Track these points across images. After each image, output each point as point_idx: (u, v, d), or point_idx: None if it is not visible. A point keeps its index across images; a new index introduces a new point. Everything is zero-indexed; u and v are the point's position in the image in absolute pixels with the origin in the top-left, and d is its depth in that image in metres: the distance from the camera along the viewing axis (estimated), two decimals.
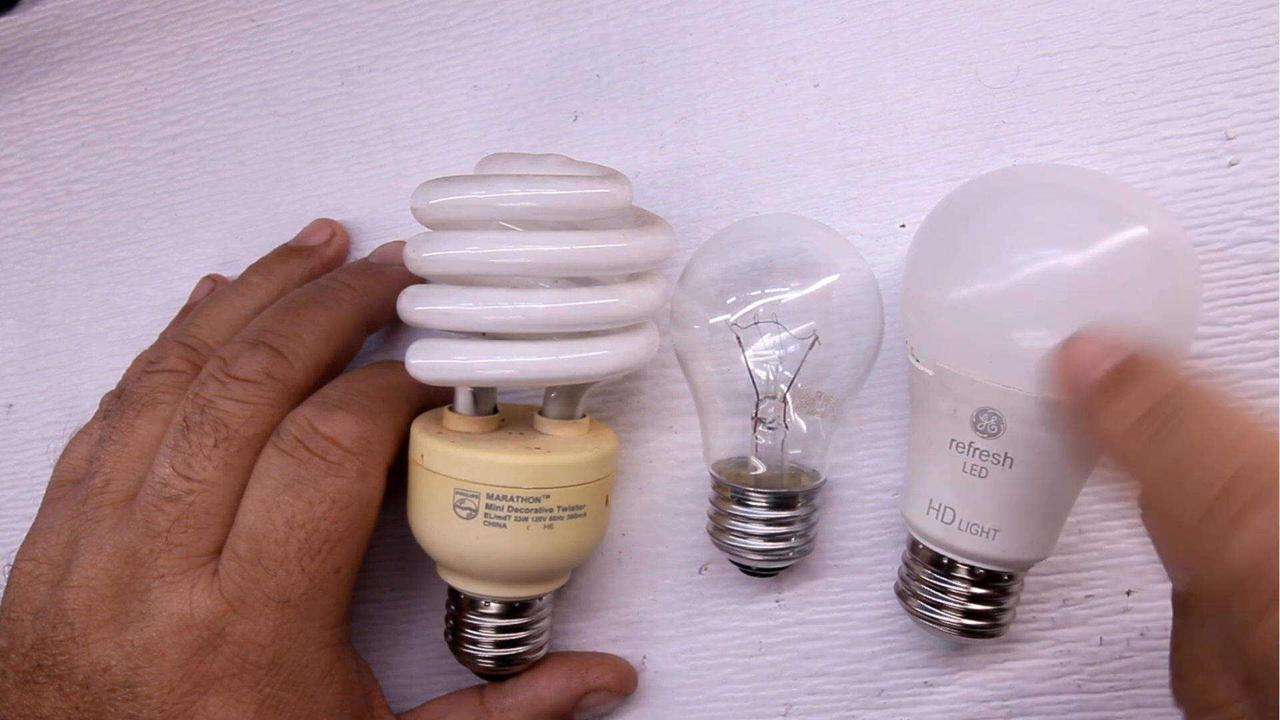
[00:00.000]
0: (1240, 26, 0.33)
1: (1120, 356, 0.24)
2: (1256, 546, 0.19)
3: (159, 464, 0.32)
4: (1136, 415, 0.23)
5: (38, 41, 0.45)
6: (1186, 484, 0.21)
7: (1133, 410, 0.23)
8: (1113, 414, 0.23)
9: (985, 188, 0.31)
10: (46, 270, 0.45)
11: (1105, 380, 0.24)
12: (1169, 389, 0.23)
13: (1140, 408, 0.23)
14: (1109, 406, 0.24)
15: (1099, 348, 0.25)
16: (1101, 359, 0.24)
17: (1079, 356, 0.25)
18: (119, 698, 0.30)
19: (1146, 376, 0.23)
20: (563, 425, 0.33)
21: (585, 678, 0.35)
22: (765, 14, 0.37)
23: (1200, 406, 0.22)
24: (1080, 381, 0.25)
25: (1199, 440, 0.21)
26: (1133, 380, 0.24)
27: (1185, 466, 0.21)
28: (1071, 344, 0.25)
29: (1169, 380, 0.23)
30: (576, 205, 0.30)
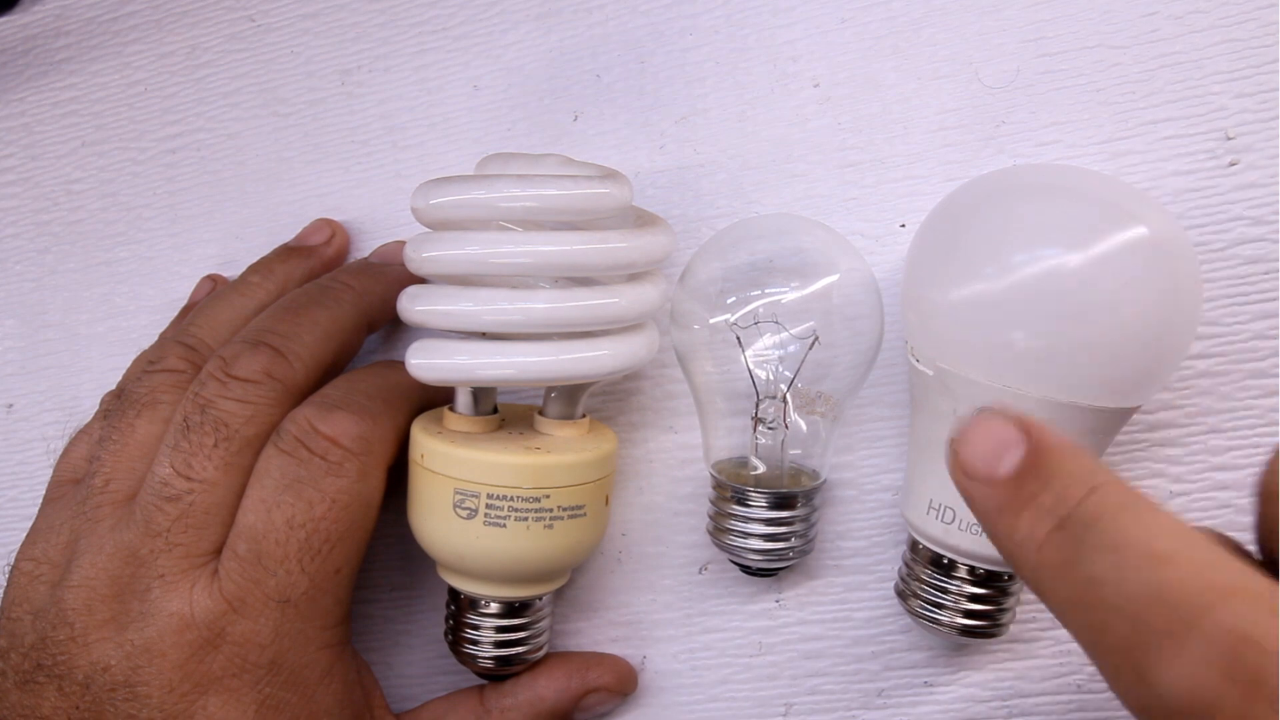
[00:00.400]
0: (1240, 26, 0.33)
1: (1024, 446, 0.21)
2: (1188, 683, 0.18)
3: (159, 464, 0.32)
4: (1048, 527, 0.20)
5: (38, 41, 0.45)
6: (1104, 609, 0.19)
7: (1044, 523, 0.20)
8: (1023, 525, 0.21)
9: (985, 188, 0.31)
10: (46, 270, 0.45)
11: (1010, 481, 0.21)
12: (1080, 493, 0.20)
13: (1052, 519, 0.20)
14: (1017, 519, 0.21)
15: (1004, 434, 0.22)
16: (1008, 447, 0.21)
17: (981, 445, 0.22)
18: (119, 697, 0.30)
19: (1056, 477, 0.21)
20: (563, 425, 0.33)
21: (585, 678, 0.35)
22: (765, 14, 0.37)
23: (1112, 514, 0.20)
24: (986, 477, 0.22)
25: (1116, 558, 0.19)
26: (1041, 483, 0.21)
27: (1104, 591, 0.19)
28: (970, 429, 0.22)
29: (1080, 482, 0.21)
30: (576, 205, 0.30)
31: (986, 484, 0.22)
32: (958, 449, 0.22)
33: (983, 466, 0.22)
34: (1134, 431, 0.33)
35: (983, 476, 0.22)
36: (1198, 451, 0.33)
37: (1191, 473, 0.33)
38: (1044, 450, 0.21)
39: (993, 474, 0.22)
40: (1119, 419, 0.30)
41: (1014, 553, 0.21)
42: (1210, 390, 0.33)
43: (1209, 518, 0.33)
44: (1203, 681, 0.17)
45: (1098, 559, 0.19)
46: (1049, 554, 0.20)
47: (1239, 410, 0.33)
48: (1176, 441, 0.33)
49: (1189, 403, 0.33)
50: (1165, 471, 0.33)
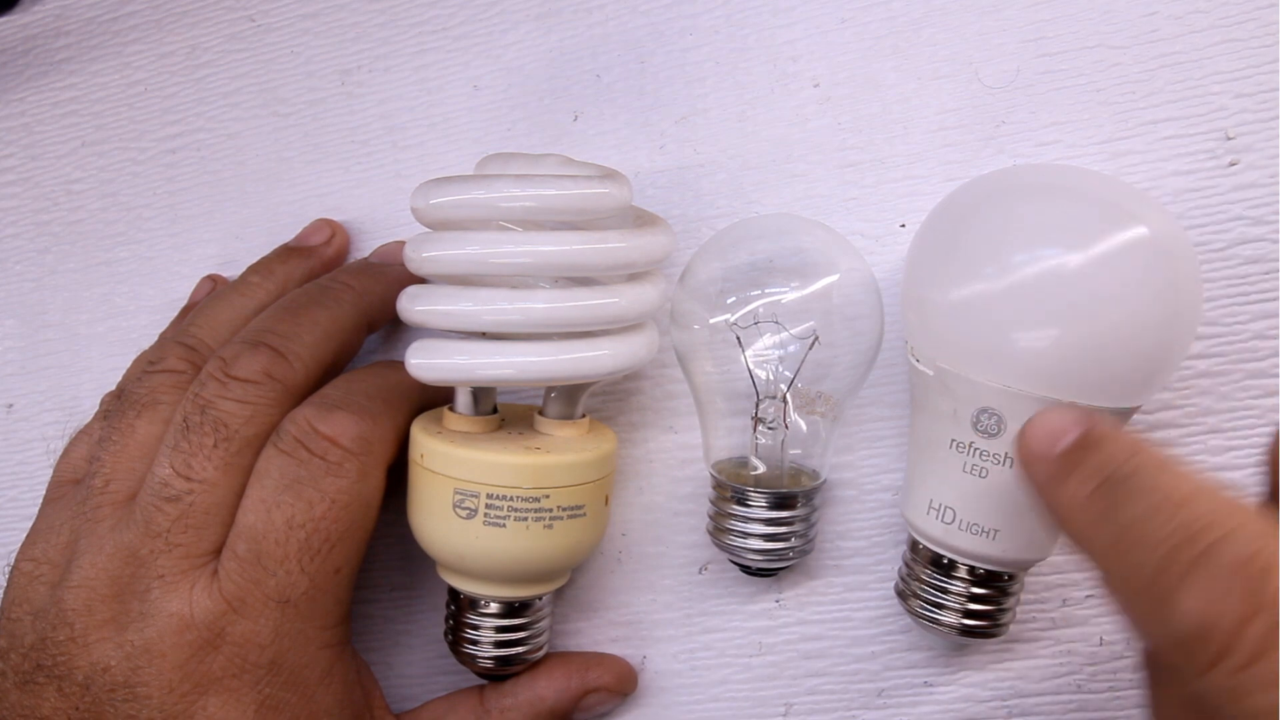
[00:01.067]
0: (1240, 26, 0.33)
1: (1080, 429, 0.25)
2: (1201, 603, 0.20)
3: (159, 464, 0.32)
4: (1092, 487, 0.24)
5: (38, 41, 0.45)
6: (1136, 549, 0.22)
7: (1089, 481, 0.24)
8: (1070, 487, 0.24)
9: (985, 188, 0.31)
10: (46, 270, 0.45)
11: (1066, 453, 0.25)
12: (1122, 458, 0.23)
13: (1096, 478, 0.24)
14: (1067, 480, 0.24)
15: (1063, 421, 0.25)
16: (1066, 431, 0.25)
17: (1044, 428, 0.25)
18: (119, 698, 0.30)
19: (1102, 448, 0.24)
20: (563, 425, 0.33)
21: (585, 678, 0.35)
22: (765, 14, 0.37)
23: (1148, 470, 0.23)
24: (1044, 455, 0.25)
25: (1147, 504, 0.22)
26: (1090, 452, 0.24)
27: (1135, 532, 0.22)
28: (1035, 418, 0.26)
29: (1122, 449, 0.24)
30: (576, 205, 0.30)
31: (1043, 460, 0.25)
32: (1023, 435, 0.26)
33: (1042, 447, 0.25)
34: (1134, 431, 0.33)
35: (1041, 455, 0.25)
36: (1198, 451, 0.33)
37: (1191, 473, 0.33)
38: (1095, 428, 0.25)
39: (1049, 452, 0.25)
40: (1119, 419, 0.30)
41: (1062, 511, 0.24)
42: (1210, 390, 0.33)
43: None
44: (1213, 599, 0.20)
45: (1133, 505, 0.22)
46: (1092, 507, 0.23)
47: (1239, 410, 0.33)
48: (1176, 441, 0.33)
49: (1189, 403, 0.33)
50: None
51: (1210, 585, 0.20)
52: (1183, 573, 0.21)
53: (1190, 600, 0.20)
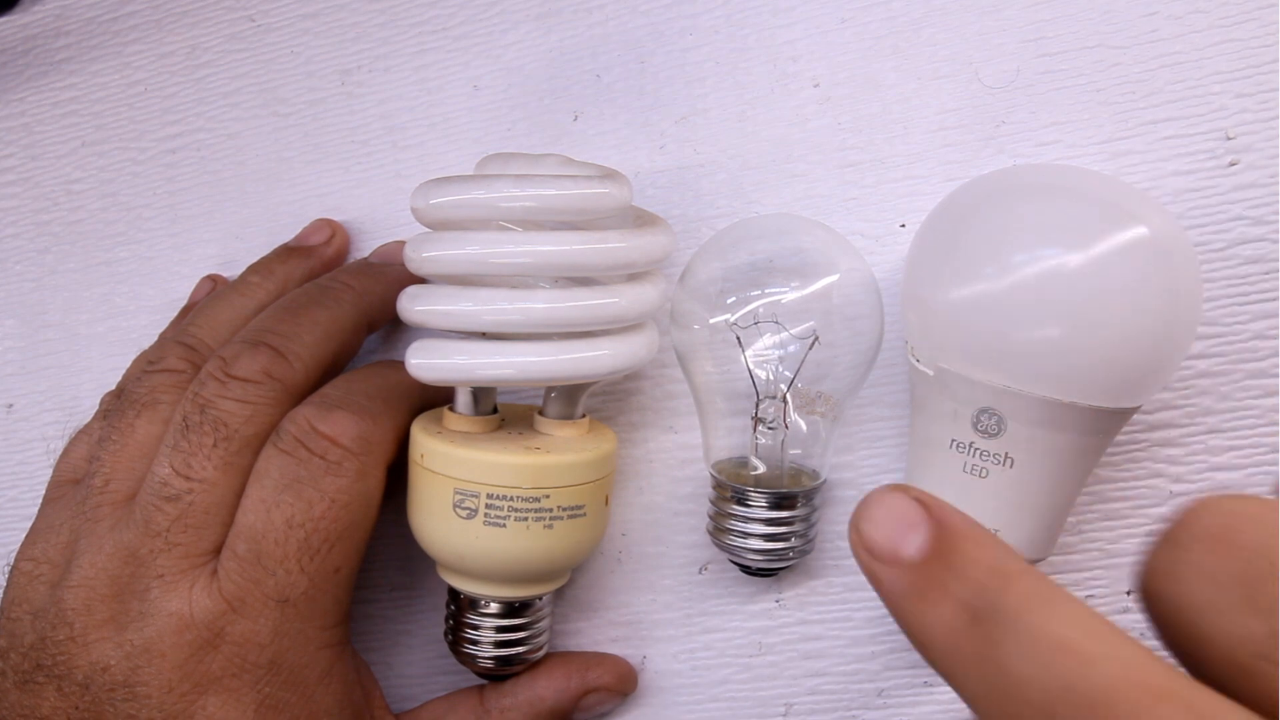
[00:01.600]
0: (1240, 26, 0.33)
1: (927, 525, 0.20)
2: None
3: (158, 464, 0.32)
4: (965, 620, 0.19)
5: (38, 41, 0.45)
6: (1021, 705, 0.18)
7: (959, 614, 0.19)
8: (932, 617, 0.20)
9: (985, 188, 0.31)
10: (46, 270, 0.45)
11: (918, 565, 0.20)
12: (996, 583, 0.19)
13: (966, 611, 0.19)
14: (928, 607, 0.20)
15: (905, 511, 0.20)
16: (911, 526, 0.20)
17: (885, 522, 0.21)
18: (118, 697, 0.30)
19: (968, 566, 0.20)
20: (562, 425, 0.33)
21: (585, 678, 0.35)
22: (765, 14, 0.37)
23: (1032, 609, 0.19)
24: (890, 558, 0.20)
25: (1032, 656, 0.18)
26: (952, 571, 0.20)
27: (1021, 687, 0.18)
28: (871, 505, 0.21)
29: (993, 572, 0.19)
30: (576, 205, 0.30)
31: (893, 565, 0.20)
32: (860, 525, 0.21)
33: (887, 545, 0.21)
34: (1134, 431, 0.33)
35: (888, 557, 0.21)
36: (1198, 451, 0.33)
37: (1191, 473, 0.33)
38: (950, 532, 0.20)
39: (897, 555, 0.20)
40: (1119, 419, 0.30)
41: (924, 641, 0.20)
42: (1210, 390, 0.33)
43: None
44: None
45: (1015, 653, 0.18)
46: (964, 646, 0.19)
47: (1239, 410, 0.33)
48: (1176, 441, 0.33)
49: (1189, 403, 0.33)
50: (1165, 471, 0.33)
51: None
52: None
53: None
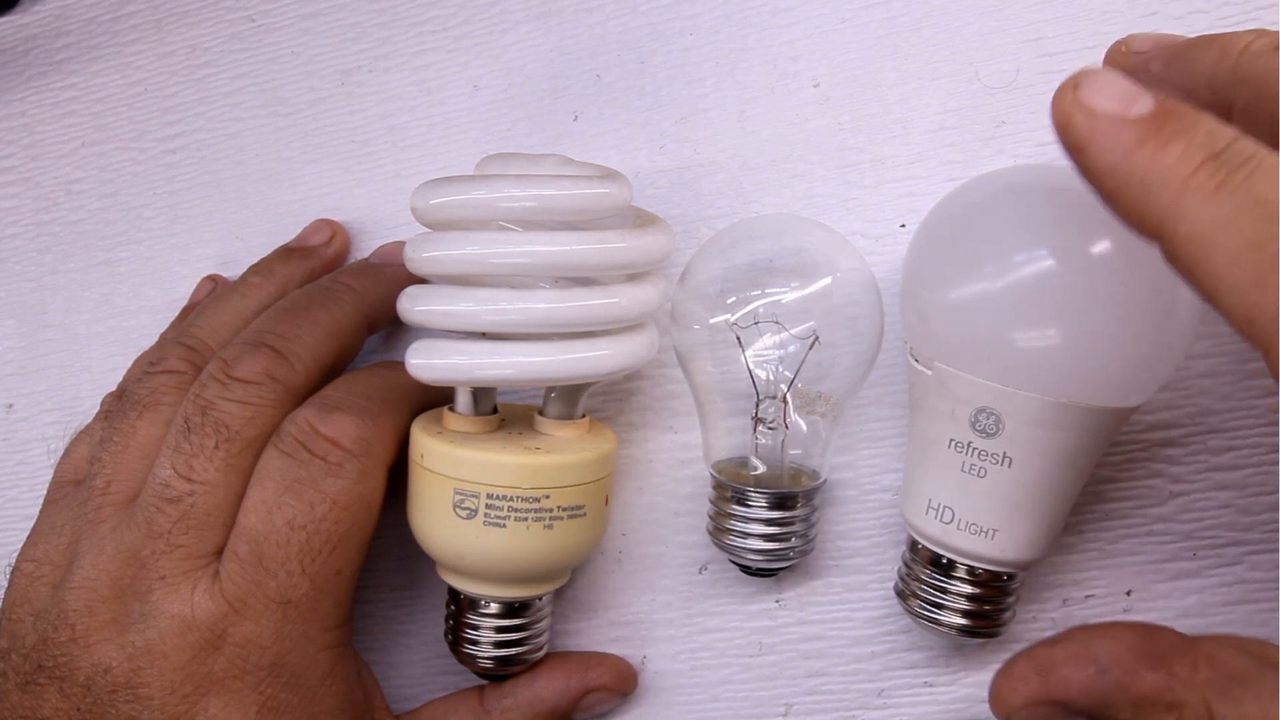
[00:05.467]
0: (1240, 26, 0.33)
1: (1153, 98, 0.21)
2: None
3: (160, 465, 0.32)
4: (1201, 157, 0.21)
5: (38, 41, 0.45)
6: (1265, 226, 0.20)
7: (1196, 152, 0.21)
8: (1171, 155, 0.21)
9: (985, 188, 0.31)
10: (46, 270, 0.45)
11: (1152, 117, 0.21)
12: (1232, 134, 0.21)
13: (1207, 150, 0.21)
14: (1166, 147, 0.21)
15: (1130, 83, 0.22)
16: (1138, 95, 0.22)
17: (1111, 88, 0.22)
18: (120, 699, 0.30)
19: (1203, 121, 0.21)
20: (562, 425, 0.33)
21: (585, 678, 0.35)
22: (765, 14, 0.37)
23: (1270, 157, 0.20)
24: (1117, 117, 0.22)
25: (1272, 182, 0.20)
26: (1190, 122, 0.21)
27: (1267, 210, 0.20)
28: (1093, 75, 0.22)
29: (1227, 129, 0.21)
30: (576, 205, 0.30)
31: (1118, 123, 0.22)
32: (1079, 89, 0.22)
33: (1113, 105, 0.22)
34: (1134, 431, 0.33)
35: (1114, 115, 0.22)
36: (1198, 451, 0.33)
37: (1191, 473, 0.33)
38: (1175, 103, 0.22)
39: (1125, 113, 0.22)
40: (1118, 419, 0.30)
41: (1155, 180, 0.21)
42: (1210, 390, 0.33)
43: (1209, 518, 0.33)
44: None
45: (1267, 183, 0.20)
46: (1202, 178, 0.21)
47: (1239, 410, 0.33)
48: (1176, 441, 0.33)
49: (1189, 403, 0.33)
50: (1165, 471, 0.33)
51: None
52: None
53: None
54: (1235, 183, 0.20)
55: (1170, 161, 0.21)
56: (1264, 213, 0.20)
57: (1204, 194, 0.21)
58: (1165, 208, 0.21)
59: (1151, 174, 0.21)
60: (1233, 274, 0.20)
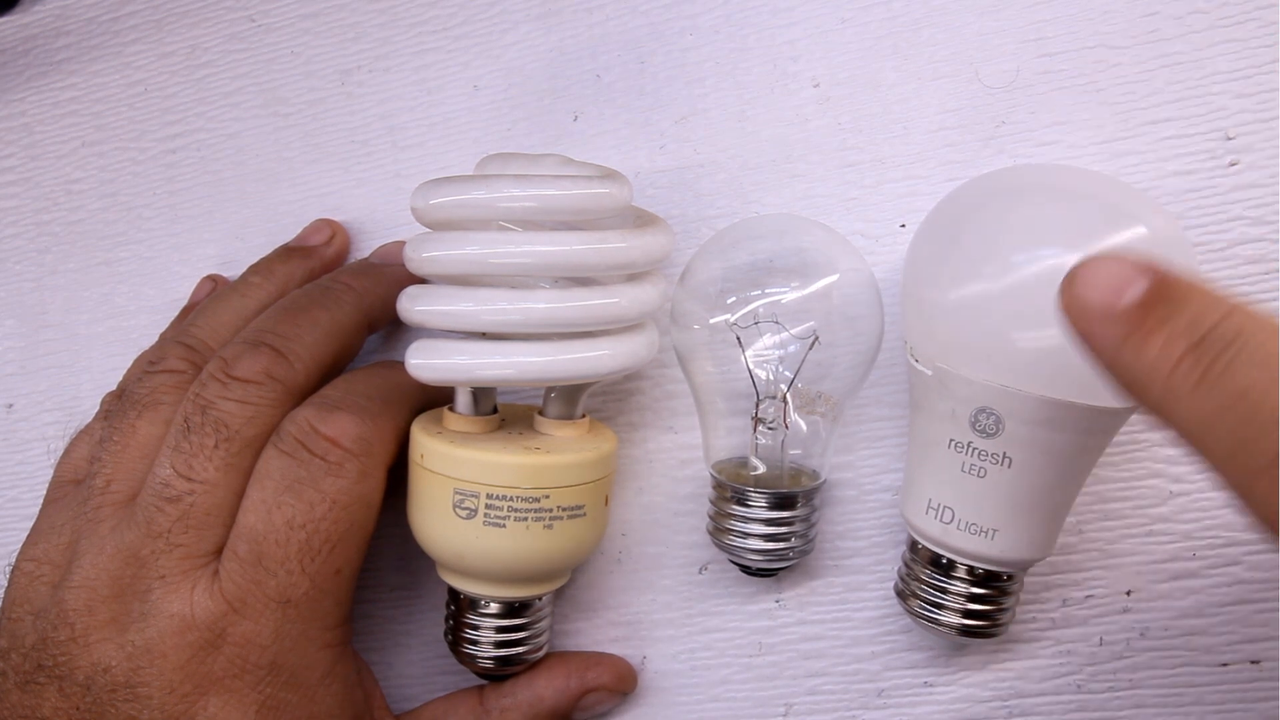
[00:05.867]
0: (1240, 26, 0.33)
1: (1148, 279, 0.21)
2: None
3: (160, 465, 0.32)
4: (1183, 347, 0.20)
5: (38, 41, 0.45)
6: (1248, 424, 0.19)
7: (1177, 344, 0.20)
8: (1154, 347, 0.20)
9: (985, 188, 0.31)
10: (46, 270, 0.45)
11: (1138, 307, 0.21)
12: (1216, 317, 0.20)
13: (1187, 339, 0.20)
14: (1147, 341, 0.20)
15: (1123, 270, 0.21)
16: (1131, 280, 0.21)
17: (1102, 278, 0.21)
18: (120, 698, 0.30)
19: (1189, 302, 0.20)
20: (562, 425, 0.33)
21: (584, 678, 0.35)
22: (765, 14, 0.37)
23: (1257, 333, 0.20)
24: (1107, 310, 0.21)
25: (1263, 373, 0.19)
26: (1173, 308, 0.20)
27: (1248, 404, 0.19)
28: (1090, 266, 0.22)
29: (1214, 306, 0.20)
30: (576, 205, 0.30)
31: (1106, 318, 0.21)
32: (1074, 285, 0.22)
33: (1102, 301, 0.21)
34: (1134, 431, 0.33)
35: (1102, 311, 0.21)
36: None
37: (1191, 473, 0.33)
38: (1170, 281, 0.21)
39: (1113, 307, 0.21)
40: (1117, 419, 0.30)
41: (1141, 378, 0.21)
42: None
43: (1209, 518, 0.33)
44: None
45: (1247, 372, 0.19)
46: (1185, 373, 0.20)
47: None
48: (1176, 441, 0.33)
49: None
50: (1165, 471, 0.33)
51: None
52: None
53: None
54: (1215, 375, 0.20)
55: (1152, 357, 0.21)
56: (1247, 407, 0.19)
57: (1186, 390, 0.20)
58: (1156, 403, 0.21)
59: (1137, 370, 0.21)
60: (1227, 471, 0.20)
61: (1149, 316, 0.21)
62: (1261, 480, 0.19)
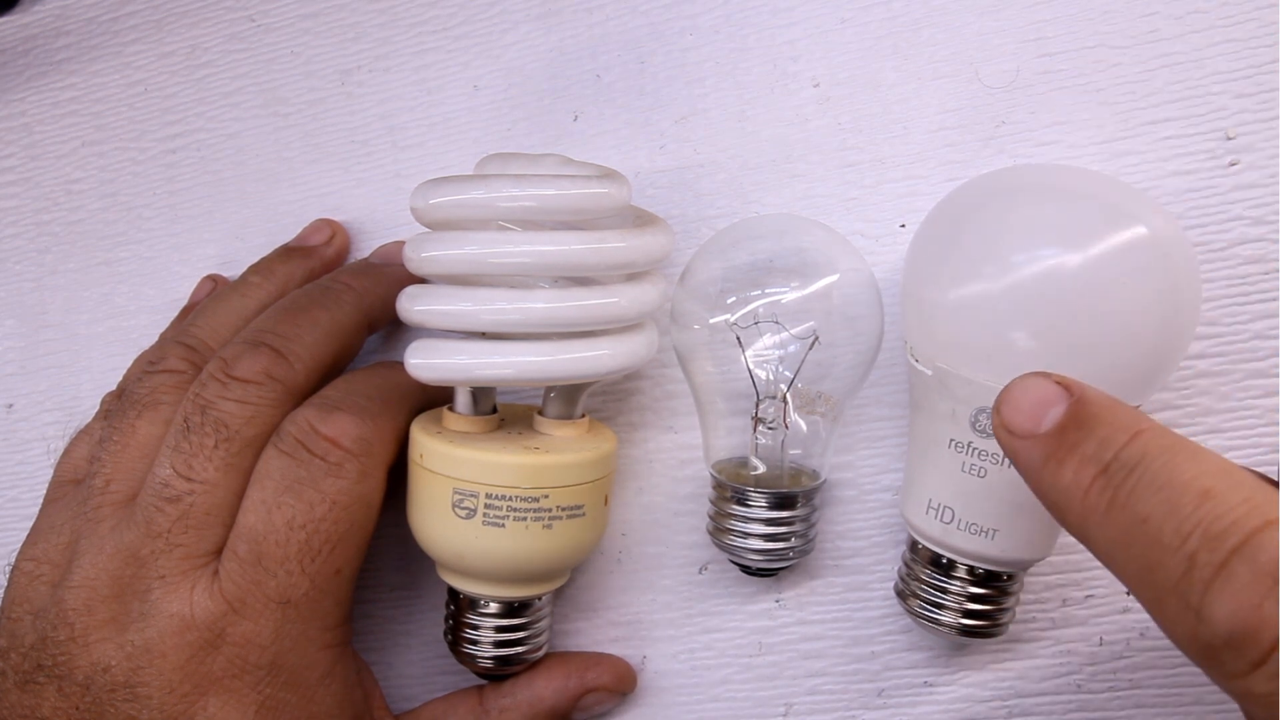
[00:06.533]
0: (1240, 26, 0.33)
1: (1066, 401, 0.22)
2: (1232, 613, 0.19)
3: (160, 465, 0.32)
4: (1093, 473, 0.21)
5: (38, 41, 0.45)
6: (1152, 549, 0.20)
7: (1088, 469, 0.21)
8: (1066, 473, 0.22)
9: (985, 188, 0.31)
10: (46, 270, 0.45)
11: (1055, 432, 0.22)
12: (1124, 439, 0.21)
13: (1096, 464, 0.21)
14: (1062, 466, 0.22)
15: (1045, 393, 0.23)
16: (1051, 404, 0.22)
17: (1025, 403, 0.23)
18: (119, 698, 0.30)
19: (1099, 426, 0.22)
20: (562, 425, 0.33)
21: (584, 678, 0.35)
22: (765, 14, 0.37)
23: (1157, 455, 0.21)
24: (1028, 434, 0.23)
25: (1161, 499, 0.20)
26: (1084, 433, 0.22)
27: (1149, 530, 0.20)
28: (1013, 390, 0.23)
29: (1122, 428, 0.21)
30: (575, 205, 0.30)
31: (1029, 440, 0.22)
32: (1000, 409, 0.23)
33: (1026, 423, 0.23)
34: None
35: (1025, 433, 0.23)
36: None
37: None
38: (1085, 403, 0.22)
39: (1035, 429, 0.22)
40: None
41: (1060, 501, 0.22)
42: (1210, 390, 0.33)
43: None
44: (1253, 606, 0.18)
45: (1147, 498, 0.20)
46: (1094, 498, 0.21)
47: (1239, 410, 0.33)
48: None
49: (1189, 403, 0.33)
50: None
51: (1241, 595, 0.18)
52: (1208, 579, 0.19)
53: (1222, 608, 0.19)
54: (1120, 501, 0.21)
55: (1067, 482, 0.22)
56: (1147, 533, 0.20)
57: (1098, 516, 0.21)
58: (1075, 527, 0.22)
59: (1055, 493, 0.22)
60: (1138, 593, 0.21)
61: (1063, 441, 0.22)
62: (1168, 602, 0.20)
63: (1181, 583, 0.19)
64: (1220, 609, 0.19)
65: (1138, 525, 0.20)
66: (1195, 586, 0.19)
